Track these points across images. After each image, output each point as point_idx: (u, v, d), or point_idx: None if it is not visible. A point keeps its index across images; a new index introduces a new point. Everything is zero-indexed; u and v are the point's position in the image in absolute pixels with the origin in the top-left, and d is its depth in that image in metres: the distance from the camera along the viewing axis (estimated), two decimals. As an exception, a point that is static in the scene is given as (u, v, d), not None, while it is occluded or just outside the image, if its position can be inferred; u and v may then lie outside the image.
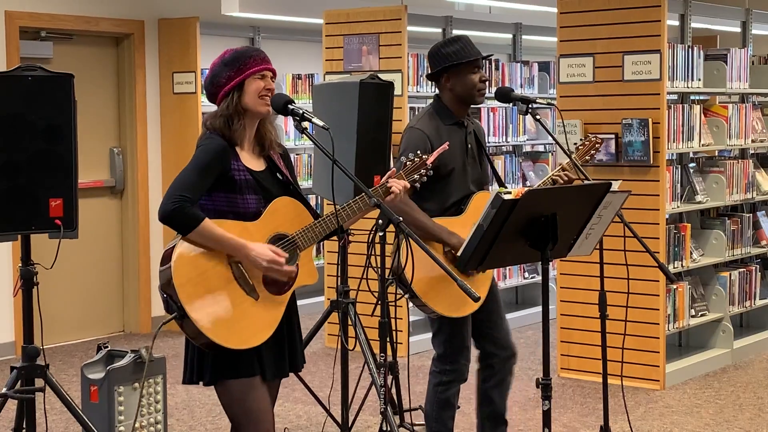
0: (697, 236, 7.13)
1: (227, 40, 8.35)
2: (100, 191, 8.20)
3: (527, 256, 3.82)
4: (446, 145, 4.31)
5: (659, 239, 6.42)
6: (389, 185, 3.86)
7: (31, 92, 4.31)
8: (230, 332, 3.53)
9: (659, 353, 6.54)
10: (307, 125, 3.67)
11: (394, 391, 5.11)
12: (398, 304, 4.80)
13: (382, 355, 4.43)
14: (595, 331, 5.29)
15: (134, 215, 8.27)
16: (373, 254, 4.36)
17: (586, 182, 4.37)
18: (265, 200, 3.67)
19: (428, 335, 4.84)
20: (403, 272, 4.37)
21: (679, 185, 6.79)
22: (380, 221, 4.33)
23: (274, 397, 3.81)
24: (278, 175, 3.77)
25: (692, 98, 7.20)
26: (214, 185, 3.61)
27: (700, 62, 6.85)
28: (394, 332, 5.24)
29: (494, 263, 4.01)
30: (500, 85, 8.47)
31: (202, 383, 3.68)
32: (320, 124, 3.61)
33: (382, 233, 4.39)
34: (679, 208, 6.79)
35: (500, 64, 8.59)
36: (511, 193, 3.54)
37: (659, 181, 6.45)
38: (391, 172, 3.98)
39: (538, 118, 4.52)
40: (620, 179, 6.01)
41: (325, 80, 7.61)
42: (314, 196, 8.56)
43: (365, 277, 4.39)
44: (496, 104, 8.33)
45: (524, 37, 9.23)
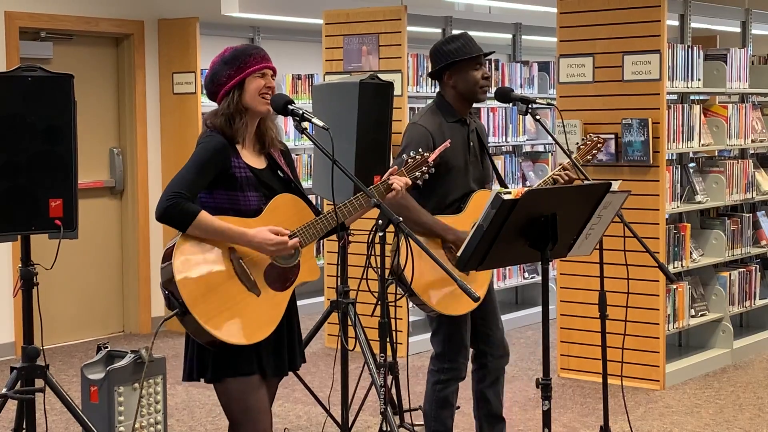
0: (696, 236, 7.13)
1: (227, 40, 8.32)
2: (100, 191, 8.20)
3: (527, 256, 3.82)
4: (448, 142, 4.31)
5: (659, 239, 6.42)
6: (390, 182, 3.86)
7: (30, 93, 4.31)
8: (232, 328, 3.53)
9: (659, 353, 6.54)
10: (306, 125, 3.67)
11: (393, 391, 5.11)
12: (398, 304, 4.79)
13: (381, 355, 4.43)
14: (595, 331, 5.29)
15: (134, 215, 8.27)
16: (373, 254, 4.36)
17: (585, 182, 4.37)
18: (265, 197, 3.66)
19: (428, 335, 4.84)
20: (402, 272, 4.36)
21: (678, 185, 6.79)
22: (380, 221, 4.33)
23: (272, 396, 3.81)
24: (279, 172, 3.77)
25: (692, 98, 7.19)
26: (214, 183, 3.61)
27: (699, 62, 6.85)
28: (393, 332, 5.24)
29: (494, 263, 4.00)
30: (500, 85, 8.47)
31: (203, 380, 3.68)
32: (320, 124, 3.61)
33: (382, 233, 4.39)
34: (678, 208, 6.78)
35: (500, 64, 8.59)
36: (510, 193, 3.53)
37: (659, 181, 6.45)
38: (392, 169, 3.97)
39: (537, 118, 4.52)
40: (620, 179, 6.01)
41: (324, 80, 7.61)
42: (314, 196, 8.55)
43: (365, 277, 4.39)
44: (495, 104, 8.33)
45: (524, 37, 9.22)
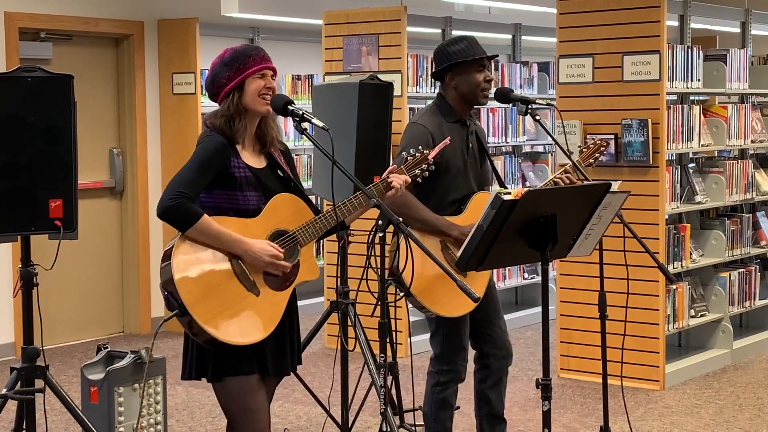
0: (696, 236, 7.13)
1: (227, 40, 8.32)
2: (99, 192, 8.20)
3: (527, 256, 3.82)
4: (448, 139, 4.31)
5: (659, 240, 6.42)
6: (390, 180, 3.87)
7: (30, 93, 4.31)
8: (231, 328, 3.53)
9: (659, 353, 6.54)
10: (306, 126, 3.67)
11: (393, 391, 5.12)
12: (398, 304, 4.79)
13: (381, 355, 4.43)
14: (594, 331, 5.29)
15: (134, 216, 8.27)
16: (372, 255, 4.36)
17: (585, 183, 4.36)
18: (265, 197, 3.67)
19: (428, 335, 4.84)
20: (401, 273, 4.36)
21: (678, 186, 6.79)
22: (380, 222, 4.33)
23: (270, 395, 3.81)
24: (279, 172, 3.77)
25: (692, 98, 7.19)
26: (214, 182, 3.61)
27: (699, 63, 6.85)
28: (393, 333, 5.25)
29: (494, 264, 4.01)
30: (500, 85, 8.47)
31: (204, 379, 3.68)
32: (320, 124, 3.61)
33: (381, 234, 4.39)
34: (678, 208, 6.79)
35: (500, 64, 8.59)
36: (510, 193, 3.54)
37: (659, 181, 6.45)
38: (392, 167, 3.98)
39: (537, 118, 4.52)
40: (620, 180, 6.01)
41: (324, 81, 7.61)
42: (314, 196, 8.55)
43: (365, 277, 4.39)
44: (495, 105, 8.33)
45: (524, 37, 9.23)
